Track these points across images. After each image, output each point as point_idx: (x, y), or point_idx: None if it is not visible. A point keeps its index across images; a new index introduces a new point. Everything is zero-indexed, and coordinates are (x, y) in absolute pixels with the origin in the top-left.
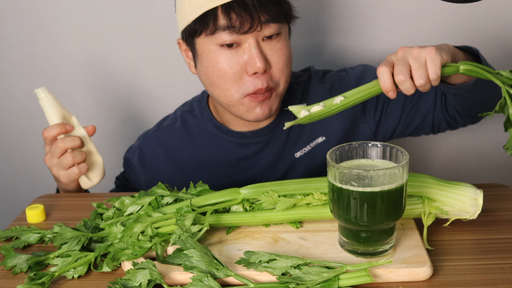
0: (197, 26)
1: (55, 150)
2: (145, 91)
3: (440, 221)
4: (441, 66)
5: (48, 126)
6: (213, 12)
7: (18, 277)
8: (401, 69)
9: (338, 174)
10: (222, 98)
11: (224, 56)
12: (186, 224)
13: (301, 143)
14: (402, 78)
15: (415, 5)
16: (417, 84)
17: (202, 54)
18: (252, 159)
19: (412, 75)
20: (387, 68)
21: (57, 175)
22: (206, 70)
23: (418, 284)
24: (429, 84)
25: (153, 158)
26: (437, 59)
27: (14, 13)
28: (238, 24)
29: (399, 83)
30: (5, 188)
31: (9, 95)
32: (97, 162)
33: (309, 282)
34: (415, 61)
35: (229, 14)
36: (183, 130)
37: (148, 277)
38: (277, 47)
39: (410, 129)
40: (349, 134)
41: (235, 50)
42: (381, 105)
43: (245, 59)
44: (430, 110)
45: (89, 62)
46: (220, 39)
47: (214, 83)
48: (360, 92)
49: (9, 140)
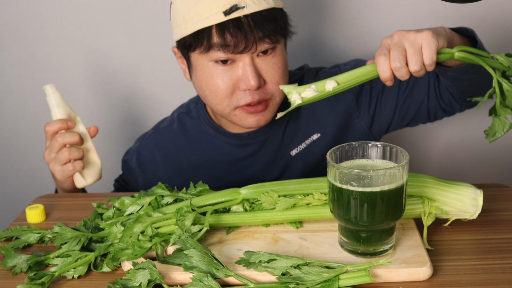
0: (191, 41)
1: (54, 145)
2: (145, 92)
3: (440, 221)
4: (436, 52)
5: (50, 121)
6: (207, 31)
7: (18, 277)
8: (397, 55)
9: (338, 174)
10: (215, 108)
11: (218, 72)
12: (186, 224)
13: (296, 141)
14: (397, 65)
15: (415, 5)
16: (411, 70)
17: (197, 67)
18: (249, 159)
19: (407, 61)
20: (386, 57)
21: (52, 170)
22: (200, 83)
23: (418, 284)
24: (424, 70)
25: (151, 161)
26: (433, 44)
27: (14, 12)
28: (233, 44)
29: (395, 70)
30: (5, 188)
31: (9, 95)
32: (94, 162)
33: (309, 282)
34: (411, 47)
35: (224, 34)
36: (180, 131)
37: (148, 277)
38: (272, 62)
39: (406, 120)
40: (344, 129)
41: (229, 66)
42: (375, 99)
43: (238, 75)
44: (424, 99)
45: (90, 62)
46: (214, 56)
47: (207, 96)
48: (354, 78)
49: (9, 140)
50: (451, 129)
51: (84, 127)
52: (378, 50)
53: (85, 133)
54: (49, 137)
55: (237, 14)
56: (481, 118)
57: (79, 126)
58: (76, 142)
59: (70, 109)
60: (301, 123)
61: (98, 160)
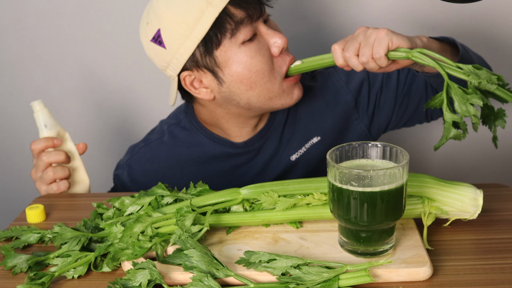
0: (213, 37)
1: (39, 164)
2: (138, 99)
3: (440, 221)
4: (387, 48)
5: (36, 139)
6: (225, 13)
7: (18, 277)
8: (349, 46)
9: (338, 174)
10: (264, 95)
11: (253, 50)
12: (186, 224)
13: (295, 145)
14: (347, 55)
15: (415, 5)
16: (360, 61)
17: (228, 62)
18: (244, 166)
19: (358, 52)
20: (338, 46)
21: (39, 189)
22: (242, 75)
23: (418, 284)
24: (373, 63)
25: (143, 175)
26: (383, 40)
27: (7, 18)
28: (252, 11)
29: (347, 59)
30: (5, 188)
31: (10, 95)
32: (82, 180)
33: (309, 282)
34: (364, 40)
35: (241, 6)
36: (172, 143)
37: (148, 277)
38: (273, 25)
39: (404, 119)
40: (343, 131)
41: (256, 41)
42: (374, 99)
43: (268, 42)
44: (423, 97)
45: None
46: (242, 36)
47: (255, 82)
48: (315, 61)
49: (9, 140)
50: None
51: (72, 144)
52: (338, 41)
53: (73, 151)
54: (35, 155)
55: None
56: None
57: (67, 143)
58: (61, 160)
59: (59, 125)
60: (300, 127)
61: (87, 178)
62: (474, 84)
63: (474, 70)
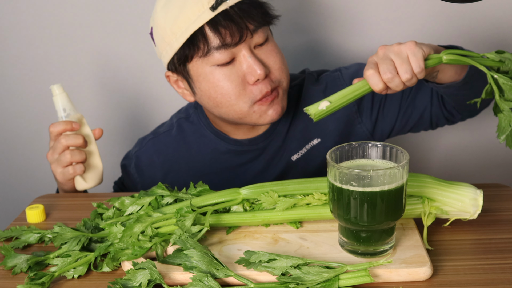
0: (186, 51)
1: (57, 146)
2: (150, 92)
3: (440, 221)
4: (423, 59)
5: (55, 122)
6: (200, 33)
7: (18, 277)
8: (387, 67)
9: (338, 174)
10: (232, 114)
11: (222, 74)
12: (186, 224)
13: (297, 146)
14: (389, 76)
15: (415, 5)
16: (403, 79)
17: (199, 78)
18: (248, 164)
19: (398, 71)
20: (374, 70)
21: (54, 171)
22: (208, 93)
23: (418, 284)
24: (415, 78)
25: (150, 166)
26: (418, 52)
27: (15, 12)
28: (229, 37)
29: (387, 82)
30: (5, 188)
31: (10, 95)
32: (96, 165)
33: (309, 282)
34: (397, 57)
35: (218, 29)
36: (180, 137)
37: (148, 277)
38: (270, 49)
39: (408, 126)
40: (345, 134)
41: (232, 65)
42: (378, 105)
43: (243, 70)
44: (427, 106)
45: (93, 63)
46: (215, 60)
47: (220, 102)
48: (347, 95)
49: (9, 140)
50: (451, 129)
51: (89, 128)
52: (366, 67)
53: (90, 135)
54: (53, 138)
55: (224, 7)
56: (481, 118)
57: (84, 127)
58: (79, 144)
59: (76, 110)
60: (302, 128)
61: (101, 163)
62: (510, 67)
63: (499, 55)
